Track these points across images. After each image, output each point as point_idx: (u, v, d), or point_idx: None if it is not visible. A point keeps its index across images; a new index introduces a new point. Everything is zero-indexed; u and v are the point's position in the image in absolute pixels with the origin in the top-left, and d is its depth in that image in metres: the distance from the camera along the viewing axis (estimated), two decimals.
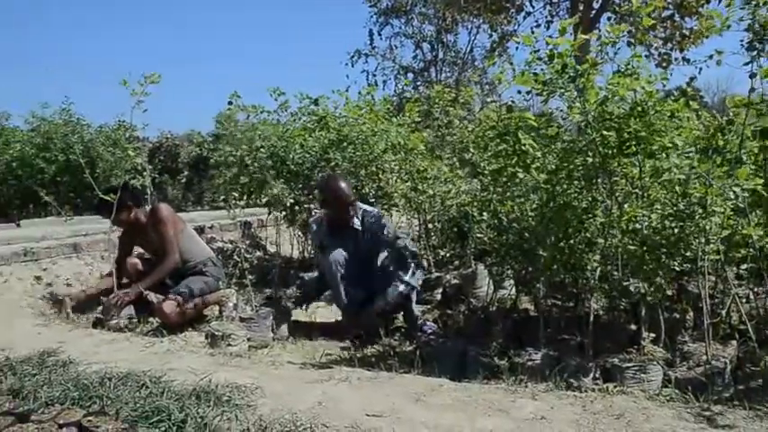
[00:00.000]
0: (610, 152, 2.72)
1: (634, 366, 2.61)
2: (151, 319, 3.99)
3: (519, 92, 2.88)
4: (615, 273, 3.00)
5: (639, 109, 2.56)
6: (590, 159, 2.79)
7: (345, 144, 5.15)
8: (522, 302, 4.10)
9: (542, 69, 2.74)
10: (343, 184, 4.09)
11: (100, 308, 4.10)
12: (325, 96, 5.62)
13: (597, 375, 2.68)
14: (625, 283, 2.93)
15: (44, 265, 4.83)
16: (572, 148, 2.87)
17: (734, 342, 2.96)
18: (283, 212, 5.59)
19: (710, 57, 2.95)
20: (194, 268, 4.16)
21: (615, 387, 2.58)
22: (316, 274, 5.55)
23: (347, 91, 5.68)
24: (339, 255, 3.97)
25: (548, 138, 2.86)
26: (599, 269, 2.89)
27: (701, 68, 10.81)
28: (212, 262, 4.26)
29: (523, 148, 2.76)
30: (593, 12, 14.29)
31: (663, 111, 2.61)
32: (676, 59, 14.44)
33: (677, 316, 3.41)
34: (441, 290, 4.79)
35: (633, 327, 3.40)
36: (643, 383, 2.58)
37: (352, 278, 4.00)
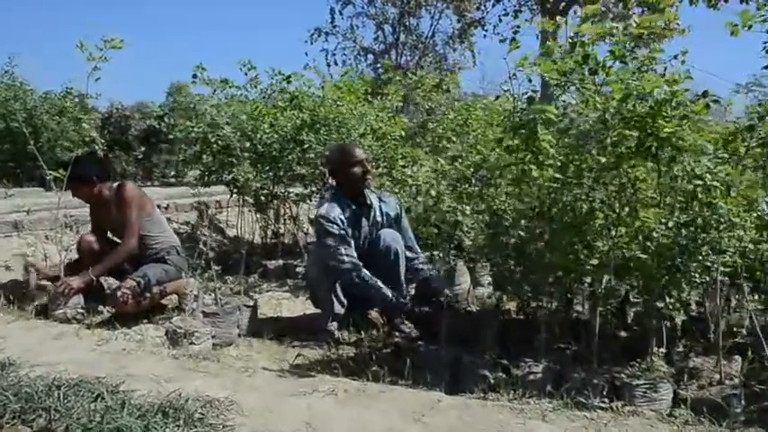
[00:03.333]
0: (626, 152, 2.50)
1: (644, 384, 2.43)
2: (101, 308, 3.62)
3: (529, 80, 2.63)
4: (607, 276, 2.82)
5: (666, 108, 2.35)
6: (603, 159, 2.57)
7: (319, 126, 4.82)
8: (504, 303, 3.90)
9: (560, 58, 2.50)
10: (355, 147, 3.85)
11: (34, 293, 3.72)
12: (299, 74, 5.26)
13: (605, 392, 2.50)
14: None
15: None
16: (583, 146, 2.65)
17: (737, 357, 2.82)
18: (253, 198, 5.23)
19: (675, 57, 2.78)
20: (156, 255, 3.77)
21: (624, 406, 2.40)
22: (281, 263, 5.25)
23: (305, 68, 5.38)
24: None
25: (561, 132, 2.63)
26: (605, 278, 2.68)
27: (666, 68, 10.77)
28: (176, 251, 3.88)
29: (542, 144, 2.52)
30: (563, 2, 14.20)
31: (689, 112, 2.41)
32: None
33: (668, 324, 3.28)
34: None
35: (623, 333, 3.28)
36: (653, 403, 2.41)
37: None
